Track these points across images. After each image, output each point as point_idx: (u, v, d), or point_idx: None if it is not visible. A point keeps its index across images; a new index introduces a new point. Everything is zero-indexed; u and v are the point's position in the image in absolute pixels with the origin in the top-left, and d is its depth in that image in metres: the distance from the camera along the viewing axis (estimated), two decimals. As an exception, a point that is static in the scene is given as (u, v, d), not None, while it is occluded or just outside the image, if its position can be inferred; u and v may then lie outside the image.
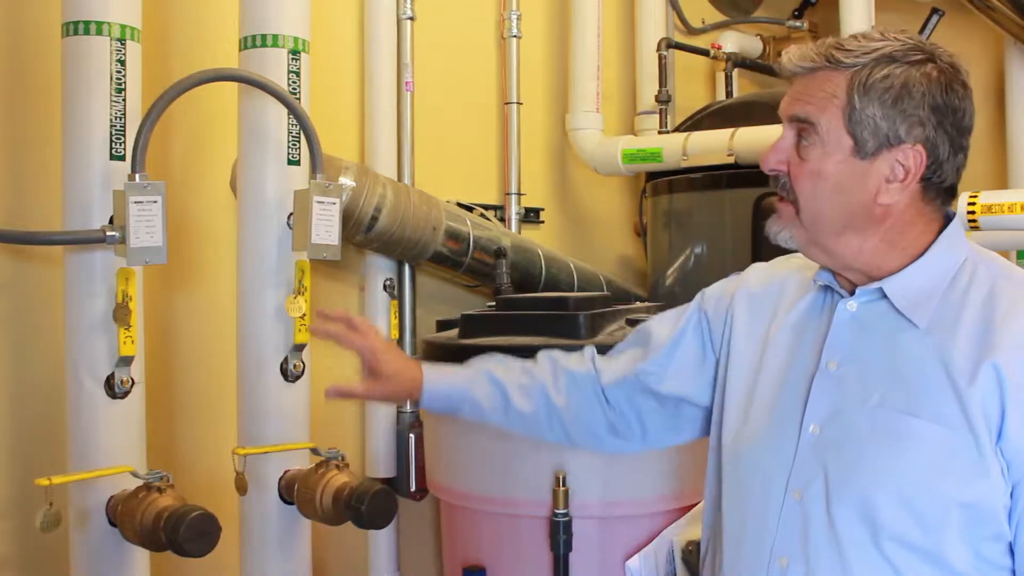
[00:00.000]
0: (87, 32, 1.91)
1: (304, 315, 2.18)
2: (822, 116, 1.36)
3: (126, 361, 1.95)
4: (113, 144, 1.93)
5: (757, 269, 1.68)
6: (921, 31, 3.15)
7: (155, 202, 1.87)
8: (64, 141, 1.95)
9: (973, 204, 2.48)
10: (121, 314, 1.93)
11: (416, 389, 1.70)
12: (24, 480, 2.06)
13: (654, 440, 1.73)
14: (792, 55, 1.40)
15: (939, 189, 1.39)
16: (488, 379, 1.72)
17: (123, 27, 1.94)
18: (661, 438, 1.73)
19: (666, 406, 1.68)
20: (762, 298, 1.59)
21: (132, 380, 1.98)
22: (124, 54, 1.94)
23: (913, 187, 1.37)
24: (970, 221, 2.48)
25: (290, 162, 2.19)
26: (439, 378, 1.72)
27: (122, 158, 1.93)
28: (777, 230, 1.43)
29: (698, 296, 1.71)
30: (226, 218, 2.45)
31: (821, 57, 1.37)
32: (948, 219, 1.43)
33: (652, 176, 3.38)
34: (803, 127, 1.38)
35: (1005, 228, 2.50)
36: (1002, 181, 3.89)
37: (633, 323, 2.34)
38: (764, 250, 2.76)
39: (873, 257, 1.39)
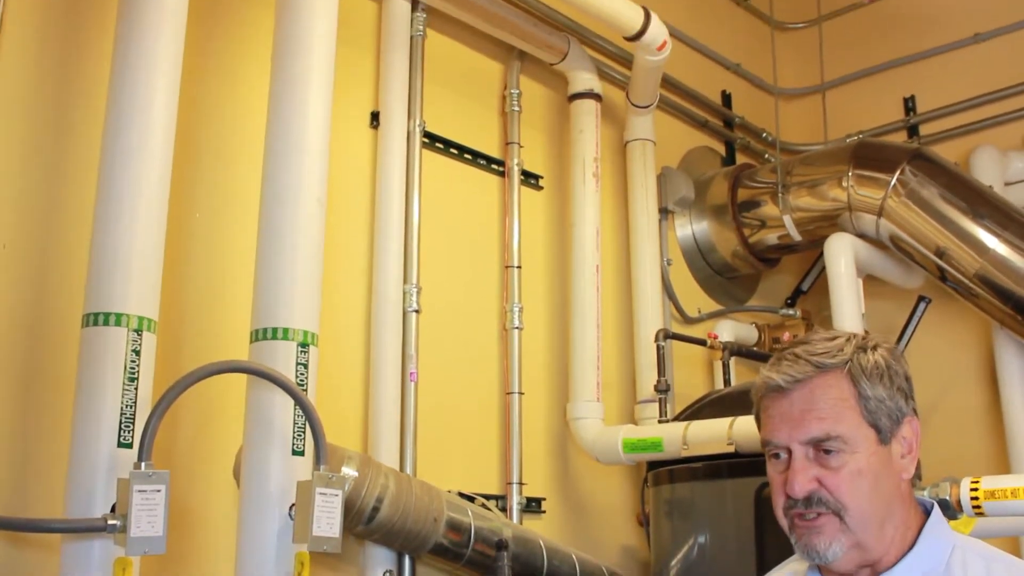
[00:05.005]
0: (106, 323, 1.98)
1: (302, 608, 2.13)
2: (841, 424, 1.36)
3: (117, 657, 1.89)
4: (122, 432, 1.96)
5: None
6: (910, 319, 3.25)
7: (158, 491, 1.87)
8: (74, 427, 1.98)
9: (976, 490, 2.48)
10: (116, 606, 1.89)
11: None
12: None
13: None
14: (776, 375, 1.39)
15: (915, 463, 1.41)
16: None
17: (140, 319, 2.02)
18: None
19: None
20: None
21: (121, 678, 1.91)
22: (140, 344, 2.01)
23: None
24: (974, 507, 2.46)
25: (294, 452, 2.21)
26: None
27: (129, 446, 1.95)
28: (826, 546, 1.37)
29: None
30: (227, 506, 2.44)
31: (809, 365, 1.38)
32: (925, 507, 1.43)
33: (653, 465, 3.38)
34: (824, 443, 1.37)
35: (1010, 514, 2.48)
36: (1002, 463, 3.89)
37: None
38: (768, 539, 2.73)
39: (891, 545, 1.39)
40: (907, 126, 4.68)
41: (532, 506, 3.39)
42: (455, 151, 3.41)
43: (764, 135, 4.87)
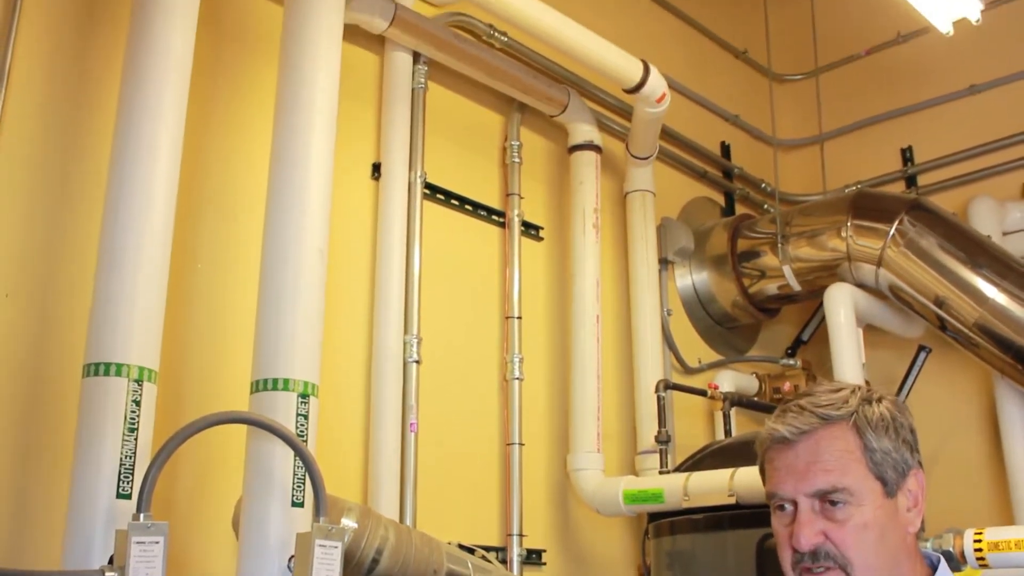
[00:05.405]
0: (107, 373, 1.98)
1: (301, 662, 2.11)
2: (847, 476, 1.35)
3: None
4: (121, 482, 1.95)
5: None
6: (910, 368, 3.25)
7: (157, 543, 1.86)
8: (73, 478, 1.97)
9: (979, 541, 2.46)
10: (112, 660, 1.87)
11: None
12: None
13: None
14: (781, 427, 1.38)
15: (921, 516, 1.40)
16: None
17: (141, 369, 2.02)
18: None
19: None
20: None
21: None
22: (140, 394, 2.01)
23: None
24: (978, 560, 2.45)
25: (294, 504, 2.19)
26: None
27: (128, 497, 1.94)
28: None
29: None
30: (226, 557, 2.42)
31: (814, 417, 1.37)
32: (931, 561, 1.41)
33: (654, 516, 3.36)
34: (830, 495, 1.36)
35: (1014, 566, 2.47)
36: (1005, 514, 3.86)
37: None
38: (772, 591, 2.70)
39: None
40: (905, 176, 4.72)
41: (532, 558, 3.37)
42: (456, 202, 3.43)
43: (763, 186, 4.91)
